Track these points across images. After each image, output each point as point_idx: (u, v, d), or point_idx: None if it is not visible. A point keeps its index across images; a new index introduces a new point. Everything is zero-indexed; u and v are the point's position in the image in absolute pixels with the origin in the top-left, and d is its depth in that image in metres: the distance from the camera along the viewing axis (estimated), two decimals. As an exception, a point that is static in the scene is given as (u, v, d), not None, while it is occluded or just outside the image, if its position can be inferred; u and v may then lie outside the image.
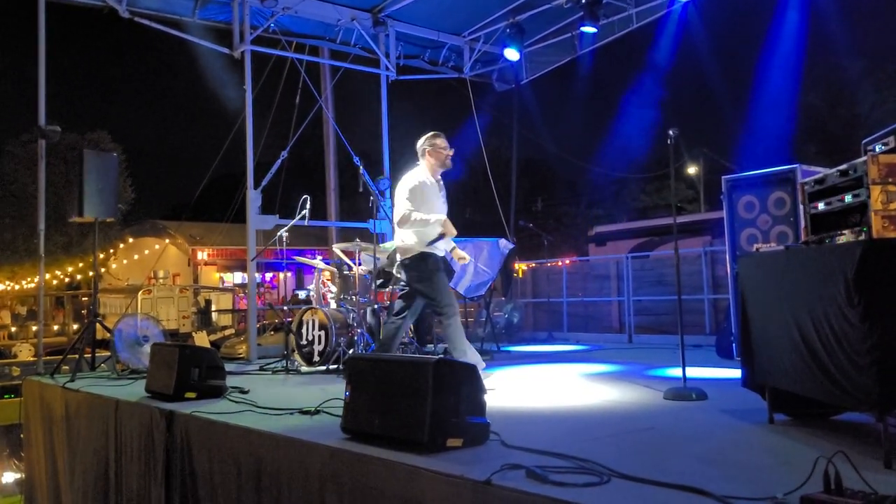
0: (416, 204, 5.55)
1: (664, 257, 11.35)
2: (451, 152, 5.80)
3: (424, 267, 5.60)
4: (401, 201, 5.63)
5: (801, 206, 3.53)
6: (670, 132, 5.07)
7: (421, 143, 5.84)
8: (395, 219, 5.67)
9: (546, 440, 3.47)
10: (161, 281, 20.86)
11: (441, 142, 5.78)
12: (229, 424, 4.11)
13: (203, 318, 21.19)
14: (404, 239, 5.70)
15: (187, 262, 27.77)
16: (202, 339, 12.43)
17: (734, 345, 7.00)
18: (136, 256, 28.90)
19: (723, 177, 7.15)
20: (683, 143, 33.96)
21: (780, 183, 6.64)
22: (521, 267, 12.38)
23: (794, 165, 6.60)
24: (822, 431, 3.51)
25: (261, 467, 3.77)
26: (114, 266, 28.69)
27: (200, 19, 8.93)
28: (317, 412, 4.35)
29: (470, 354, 5.38)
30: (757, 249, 4.05)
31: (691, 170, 36.66)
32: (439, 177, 5.84)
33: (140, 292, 18.84)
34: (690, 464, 3.00)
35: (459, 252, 6.04)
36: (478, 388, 3.47)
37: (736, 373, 5.06)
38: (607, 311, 11.33)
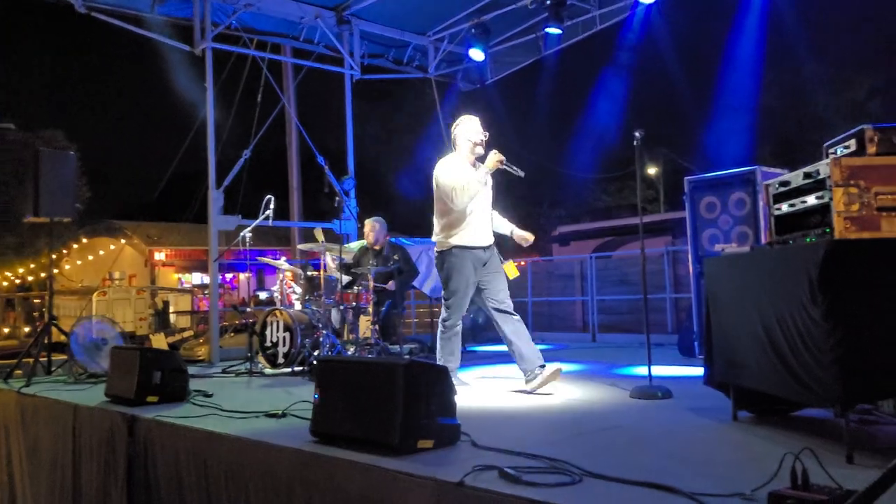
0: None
1: (627, 257, 11.49)
2: (479, 139, 5.40)
3: None
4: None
5: (766, 208, 3.59)
6: (636, 134, 5.11)
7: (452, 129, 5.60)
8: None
9: (516, 440, 3.47)
10: (117, 282, 20.46)
11: (466, 127, 5.45)
12: (194, 428, 4.04)
13: (160, 319, 20.84)
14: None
15: (144, 262, 27.31)
16: (160, 342, 12.21)
17: (696, 343, 7.11)
18: (90, 257, 28.32)
19: (685, 178, 7.25)
20: (644, 144, 34.41)
21: (741, 184, 6.76)
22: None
23: (754, 167, 6.72)
24: (785, 428, 3.57)
25: (228, 471, 3.71)
26: (67, 267, 28.07)
27: (160, 15, 8.77)
28: (284, 415, 4.30)
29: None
30: (721, 250, 4.11)
31: (651, 170, 37.16)
32: (478, 164, 5.41)
33: (95, 294, 18.47)
34: (659, 461, 3.03)
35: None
36: (448, 390, 3.46)
37: (698, 371, 5.14)
38: (571, 310, 11.42)
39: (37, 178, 6.64)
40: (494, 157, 5.28)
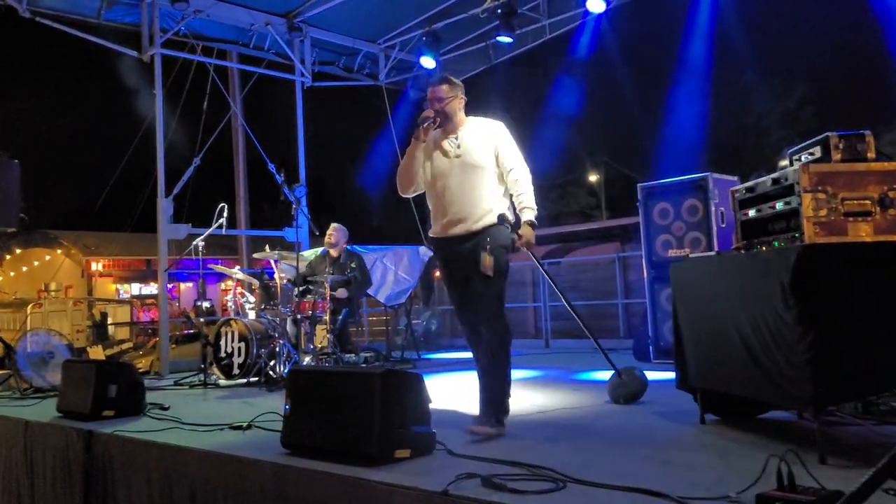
0: None
1: (578, 263, 11.60)
2: (433, 106, 4.19)
3: None
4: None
5: (731, 213, 3.67)
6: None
7: None
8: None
9: (491, 448, 3.47)
10: (53, 294, 19.80)
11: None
12: (157, 443, 3.92)
13: (98, 331, 20.24)
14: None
15: (81, 273, 26.47)
16: (97, 354, 11.87)
17: (651, 347, 7.22)
18: (24, 268, 27.36)
19: (638, 185, 7.36)
20: (585, 151, 34.90)
21: (694, 190, 6.90)
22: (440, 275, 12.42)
23: (706, 174, 6.87)
24: (753, 431, 3.64)
25: (195, 487, 3.61)
26: (0, 279, 27.08)
27: (106, 21, 8.57)
28: (249, 427, 4.21)
29: None
30: (685, 255, 4.18)
31: (593, 177, 37.76)
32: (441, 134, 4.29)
33: (30, 306, 17.85)
34: (639, 466, 3.06)
35: None
36: (423, 398, 3.43)
37: (655, 374, 5.23)
38: (523, 316, 11.48)
39: (-22, 187, 6.41)
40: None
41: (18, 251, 26.85)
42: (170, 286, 26.96)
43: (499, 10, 9.21)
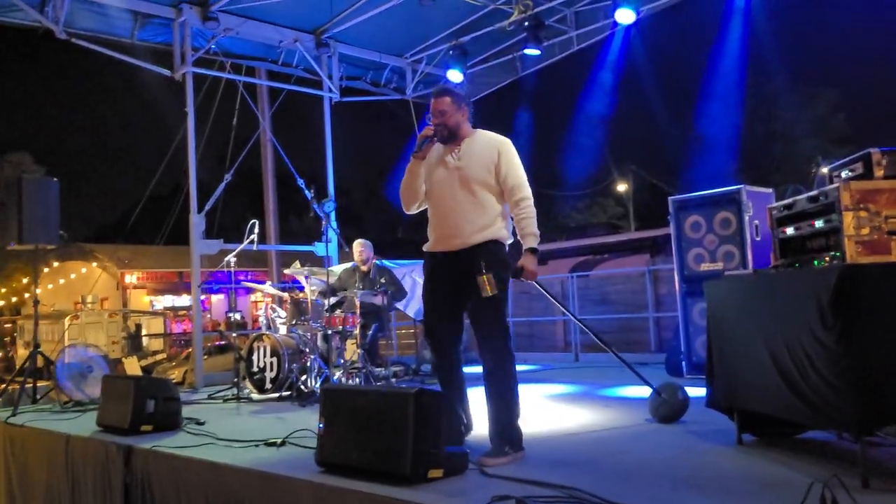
0: None
1: (607, 276, 11.53)
2: (435, 119, 4.03)
3: None
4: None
5: (769, 230, 3.63)
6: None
7: None
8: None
9: (523, 468, 3.46)
10: (89, 306, 20.14)
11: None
12: (195, 459, 3.96)
13: (133, 343, 20.54)
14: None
15: (116, 285, 26.89)
16: (132, 365, 12.00)
17: (683, 362, 7.15)
18: (61, 281, 27.86)
19: (669, 197, 7.30)
20: (613, 161, 34.76)
21: (726, 203, 6.83)
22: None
23: (740, 186, 6.80)
24: (792, 451, 3.59)
25: (233, 503, 3.64)
26: (38, 291, 27.60)
27: (139, 41, 8.73)
28: (283, 443, 4.24)
29: None
30: (721, 270, 4.15)
31: (621, 187, 37.56)
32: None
33: (67, 318, 18.17)
34: (674, 489, 3.03)
35: None
36: (456, 418, 3.44)
37: (689, 391, 5.16)
38: (552, 330, 11.43)
39: (20, 206, 6.54)
40: None
41: (56, 264, 27.36)
42: (202, 298, 27.31)
43: (526, 23, 9.22)
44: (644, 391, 5.09)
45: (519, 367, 4.20)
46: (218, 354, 13.78)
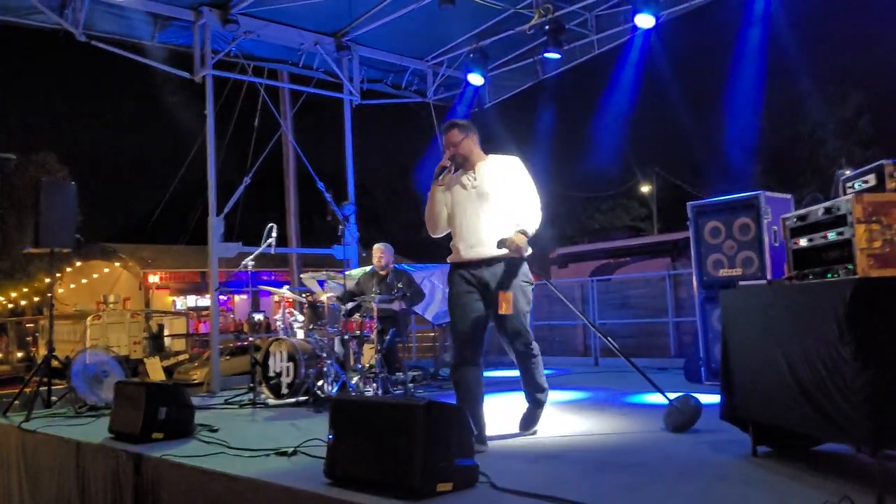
0: None
1: (627, 280, 11.44)
2: (448, 151, 4.52)
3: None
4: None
5: (783, 241, 3.56)
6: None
7: None
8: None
9: (535, 480, 3.41)
10: (111, 306, 20.38)
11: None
12: (205, 469, 3.96)
13: (155, 343, 20.72)
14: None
15: (138, 285, 27.15)
16: (154, 365, 12.06)
17: (703, 369, 7.07)
18: (84, 280, 28.17)
19: (688, 203, 7.22)
20: (636, 163, 34.55)
21: (745, 209, 6.74)
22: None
23: (758, 192, 6.71)
24: (808, 465, 3.51)
25: (241, 514, 3.63)
26: (61, 291, 27.90)
27: (160, 43, 8.77)
28: (295, 453, 4.23)
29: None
30: (739, 275, 4.08)
31: (645, 188, 37.31)
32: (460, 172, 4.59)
33: (89, 318, 18.35)
34: (689, 503, 2.97)
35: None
36: (466, 430, 3.40)
37: (706, 398, 5.09)
38: (572, 334, 11.36)
39: (37, 209, 6.59)
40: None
41: (79, 264, 27.69)
42: (224, 298, 27.48)
43: (546, 27, 9.16)
44: (662, 398, 5.03)
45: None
46: (240, 355, 13.84)
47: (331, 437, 3.56)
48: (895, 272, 2.91)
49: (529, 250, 4.48)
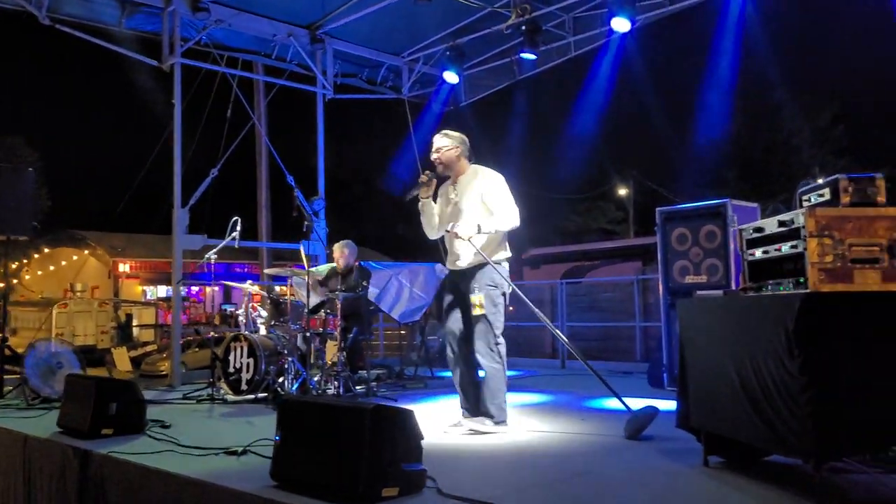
0: None
1: (597, 283, 11.45)
2: (434, 156, 5.01)
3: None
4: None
5: (738, 250, 3.55)
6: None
7: None
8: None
9: (482, 486, 3.37)
10: (78, 294, 20.03)
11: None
12: (148, 468, 3.87)
13: (123, 333, 20.40)
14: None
15: (108, 274, 26.77)
16: (122, 356, 11.88)
17: (665, 375, 7.08)
18: (51, 267, 27.72)
19: (657, 209, 7.23)
20: (613, 165, 34.67)
21: (712, 216, 6.75)
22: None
23: (725, 200, 6.73)
24: (756, 477, 3.50)
25: (183, 515, 3.55)
26: (27, 277, 27.46)
27: (127, 29, 8.59)
28: (245, 452, 4.16)
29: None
30: (702, 281, 4.07)
31: (622, 191, 37.42)
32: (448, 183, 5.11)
33: (55, 306, 18.04)
34: (631, 516, 2.95)
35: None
36: (415, 434, 3.35)
37: (667, 404, 5.08)
38: (540, 336, 11.35)
39: (-7, 195, 6.44)
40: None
41: (46, 250, 27.23)
42: (196, 290, 27.18)
43: (523, 27, 9.12)
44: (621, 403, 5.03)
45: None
46: (206, 348, 13.66)
47: (278, 437, 3.49)
48: (845, 287, 2.90)
49: (504, 255, 4.92)
